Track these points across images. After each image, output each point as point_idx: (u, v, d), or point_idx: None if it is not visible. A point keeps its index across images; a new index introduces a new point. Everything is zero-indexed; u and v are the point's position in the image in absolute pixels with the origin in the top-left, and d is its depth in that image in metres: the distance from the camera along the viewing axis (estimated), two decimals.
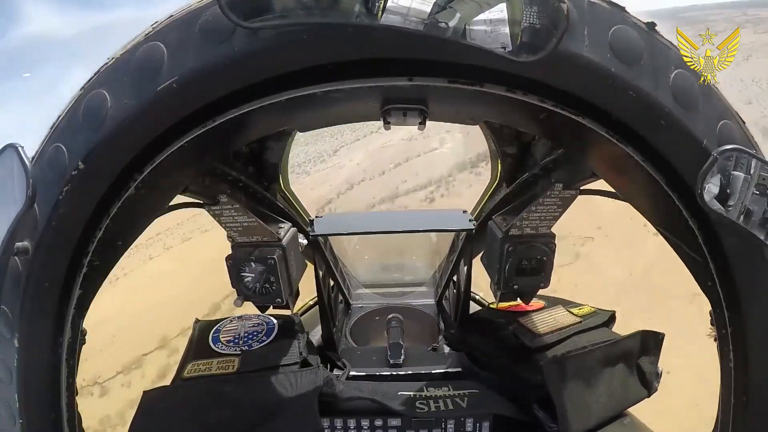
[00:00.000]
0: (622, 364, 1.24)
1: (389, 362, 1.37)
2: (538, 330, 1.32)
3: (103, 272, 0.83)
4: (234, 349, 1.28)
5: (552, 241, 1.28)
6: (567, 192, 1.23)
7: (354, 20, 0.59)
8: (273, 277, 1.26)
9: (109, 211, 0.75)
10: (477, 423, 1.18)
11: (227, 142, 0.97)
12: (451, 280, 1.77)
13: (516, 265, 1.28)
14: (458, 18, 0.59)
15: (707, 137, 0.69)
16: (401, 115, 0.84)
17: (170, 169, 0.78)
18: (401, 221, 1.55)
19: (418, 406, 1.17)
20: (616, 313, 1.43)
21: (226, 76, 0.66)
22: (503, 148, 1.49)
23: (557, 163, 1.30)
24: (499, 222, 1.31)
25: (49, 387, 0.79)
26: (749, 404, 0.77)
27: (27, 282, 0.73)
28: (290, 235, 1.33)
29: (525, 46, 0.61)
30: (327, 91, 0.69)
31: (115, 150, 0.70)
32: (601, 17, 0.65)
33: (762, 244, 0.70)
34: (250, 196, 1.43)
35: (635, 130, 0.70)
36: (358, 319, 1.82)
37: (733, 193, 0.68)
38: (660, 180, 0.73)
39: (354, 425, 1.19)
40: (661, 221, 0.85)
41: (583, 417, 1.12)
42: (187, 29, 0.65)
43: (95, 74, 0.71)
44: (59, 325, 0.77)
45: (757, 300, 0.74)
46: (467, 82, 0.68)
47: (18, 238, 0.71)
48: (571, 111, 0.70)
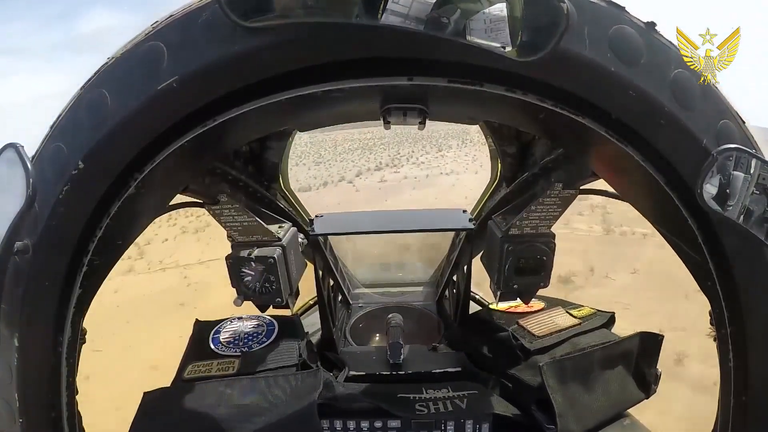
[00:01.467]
0: (621, 365, 1.23)
1: (389, 362, 1.37)
2: (537, 331, 1.32)
3: (104, 271, 0.83)
4: (234, 350, 1.28)
5: (552, 241, 1.28)
6: (567, 192, 1.24)
7: (354, 20, 0.59)
8: (273, 276, 1.26)
9: (109, 210, 0.75)
10: (476, 424, 1.18)
11: (227, 141, 0.97)
12: (451, 280, 1.77)
13: (515, 264, 1.28)
14: (458, 15, 0.59)
15: (707, 137, 0.69)
16: (401, 114, 0.84)
17: (170, 168, 0.78)
18: (401, 221, 1.55)
19: (417, 408, 1.17)
20: (615, 314, 1.43)
21: (226, 75, 0.66)
22: (503, 148, 1.49)
23: (557, 162, 1.30)
24: (499, 222, 1.31)
25: (49, 386, 0.79)
26: (749, 404, 0.77)
27: (27, 281, 0.73)
28: (290, 234, 1.33)
29: (525, 46, 0.61)
30: (327, 90, 0.69)
31: (115, 149, 0.70)
32: (601, 17, 0.65)
33: (762, 244, 0.70)
34: (250, 196, 1.44)
35: (635, 130, 0.70)
36: (358, 318, 1.82)
37: (733, 192, 0.68)
38: (660, 180, 0.73)
39: (354, 427, 1.19)
40: (661, 221, 0.85)
41: (582, 418, 1.12)
42: (188, 29, 0.65)
43: (95, 74, 0.71)
44: (59, 325, 0.77)
45: (757, 300, 0.74)
46: (467, 82, 0.68)
47: (18, 238, 0.71)
48: (570, 110, 0.70)
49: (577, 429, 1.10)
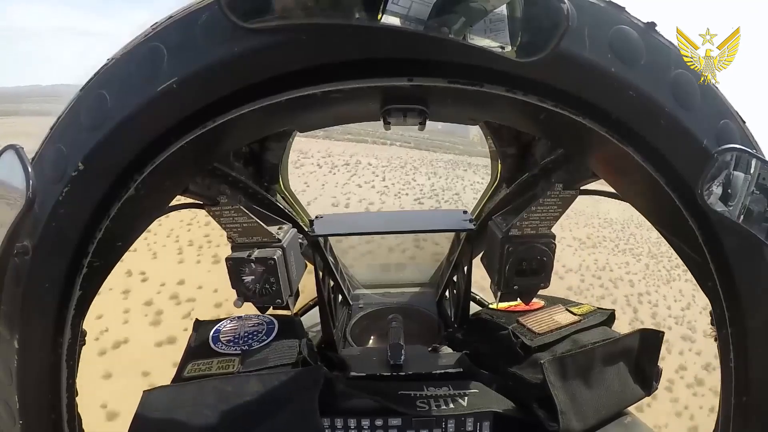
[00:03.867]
0: (622, 362, 1.24)
1: (389, 363, 1.37)
2: (537, 329, 1.32)
3: (103, 273, 0.83)
4: (234, 349, 1.28)
5: (552, 242, 1.28)
6: (567, 192, 1.24)
7: (354, 20, 0.59)
8: (273, 277, 1.26)
9: (109, 211, 0.75)
10: (477, 422, 1.18)
11: (227, 142, 0.96)
12: (451, 281, 1.77)
13: (516, 265, 1.28)
14: (461, 24, 0.59)
15: (707, 137, 0.69)
16: (401, 115, 0.84)
17: (170, 169, 0.78)
18: (401, 221, 1.55)
19: (418, 405, 1.17)
20: (615, 311, 1.44)
21: (226, 76, 0.66)
22: (503, 149, 1.49)
23: (557, 163, 1.30)
24: (499, 222, 1.31)
25: (48, 388, 0.78)
26: (750, 404, 0.77)
27: (27, 282, 0.73)
28: (290, 235, 1.33)
29: (525, 47, 0.61)
30: (327, 91, 0.69)
31: (115, 151, 0.70)
32: (601, 17, 0.65)
33: (762, 244, 0.70)
34: (250, 197, 1.44)
35: (635, 130, 0.70)
36: (358, 319, 1.82)
37: (734, 192, 0.68)
38: (660, 180, 0.73)
39: (354, 425, 1.19)
40: (661, 221, 0.85)
41: (583, 416, 1.12)
42: (187, 30, 0.65)
43: (95, 75, 0.71)
44: (59, 326, 0.77)
45: (757, 300, 0.74)
46: (467, 83, 0.68)
47: (18, 239, 0.71)
48: (571, 111, 0.70)
49: (579, 426, 1.10)
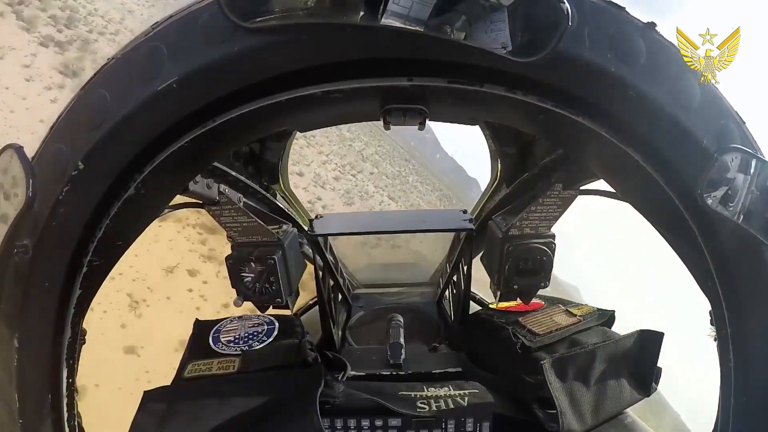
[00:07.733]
0: (621, 363, 1.23)
1: (389, 362, 1.37)
2: (537, 329, 1.32)
3: (103, 272, 0.83)
4: (234, 349, 1.28)
5: (552, 242, 1.28)
6: (567, 192, 1.23)
7: (354, 21, 0.59)
8: (273, 277, 1.26)
9: (109, 211, 0.75)
10: (477, 423, 1.18)
11: (227, 142, 0.97)
12: (451, 280, 1.77)
13: (516, 265, 1.28)
14: (462, 23, 0.59)
15: (707, 137, 0.69)
16: (401, 115, 0.84)
17: (170, 169, 0.78)
18: (401, 221, 1.55)
19: (419, 405, 1.17)
20: (615, 312, 1.44)
21: (226, 76, 0.66)
22: (503, 148, 1.49)
23: (557, 163, 1.30)
24: (499, 222, 1.31)
25: (49, 387, 0.79)
26: (749, 404, 0.77)
27: (27, 282, 0.73)
28: (290, 235, 1.33)
29: (525, 46, 0.61)
30: (327, 91, 0.69)
31: (115, 150, 0.70)
32: (601, 17, 0.65)
33: (762, 244, 0.70)
34: (250, 196, 1.44)
35: (635, 130, 0.70)
36: (358, 318, 1.82)
37: (734, 192, 0.68)
38: (660, 180, 0.73)
39: (354, 425, 1.19)
40: (661, 221, 0.85)
41: (583, 416, 1.12)
42: (187, 30, 0.65)
43: (95, 74, 0.71)
44: (59, 326, 0.77)
45: (757, 300, 0.74)
46: (467, 83, 0.68)
47: (18, 238, 0.71)
48: (570, 111, 0.70)
49: (578, 427, 1.10)
